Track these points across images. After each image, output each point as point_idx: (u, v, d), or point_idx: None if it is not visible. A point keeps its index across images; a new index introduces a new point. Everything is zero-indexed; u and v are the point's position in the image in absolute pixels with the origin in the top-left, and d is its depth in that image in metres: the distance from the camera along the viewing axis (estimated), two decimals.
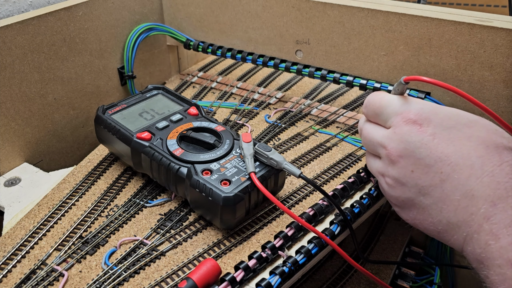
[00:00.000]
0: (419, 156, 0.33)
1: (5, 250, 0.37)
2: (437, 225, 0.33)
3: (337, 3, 0.49)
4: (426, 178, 0.33)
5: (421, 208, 0.34)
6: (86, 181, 0.45)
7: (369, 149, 0.39)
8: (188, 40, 0.61)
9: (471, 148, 0.31)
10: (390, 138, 0.35)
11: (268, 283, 0.33)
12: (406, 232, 0.61)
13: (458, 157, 0.31)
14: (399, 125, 0.34)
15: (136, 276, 0.35)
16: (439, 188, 0.32)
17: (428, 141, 0.32)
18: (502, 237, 0.28)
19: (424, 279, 0.56)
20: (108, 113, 0.45)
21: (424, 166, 0.33)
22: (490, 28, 0.42)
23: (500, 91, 0.44)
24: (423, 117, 0.33)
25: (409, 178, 0.34)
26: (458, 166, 0.31)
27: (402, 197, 0.35)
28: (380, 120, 0.37)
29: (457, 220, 0.31)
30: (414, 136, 0.33)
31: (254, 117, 0.56)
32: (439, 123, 0.33)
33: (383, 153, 0.36)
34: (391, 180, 0.35)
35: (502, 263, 0.28)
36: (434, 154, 0.32)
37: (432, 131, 0.33)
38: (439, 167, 0.32)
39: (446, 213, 0.32)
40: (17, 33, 0.46)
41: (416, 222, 0.35)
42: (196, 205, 0.39)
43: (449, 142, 0.32)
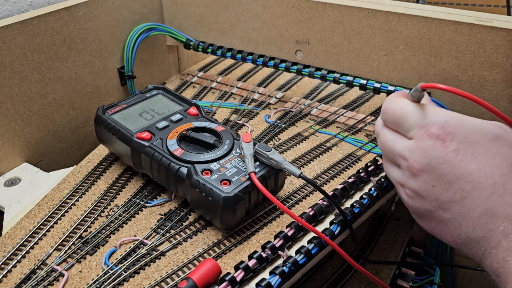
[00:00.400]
0: (441, 172, 0.32)
1: (5, 250, 0.37)
2: (455, 238, 0.33)
3: (337, 3, 0.49)
4: (447, 194, 0.32)
5: (440, 221, 0.34)
6: (86, 181, 0.45)
7: (388, 157, 0.38)
8: (188, 40, 0.61)
9: (495, 166, 0.31)
10: (412, 151, 0.34)
11: (268, 283, 0.33)
12: (406, 232, 0.61)
13: (480, 175, 0.31)
14: (422, 139, 0.33)
15: (136, 276, 0.35)
16: (459, 204, 0.32)
17: (451, 158, 0.32)
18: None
19: (424, 279, 0.56)
20: (108, 113, 0.45)
21: (445, 182, 0.32)
22: (490, 28, 0.42)
23: (500, 91, 0.44)
24: (447, 132, 0.33)
25: (429, 193, 0.33)
26: (480, 184, 0.31)
27: (421, 208, 0.35)
28: (401, 129, 0.36)
29: (476, 235, 0.32)
30: (438, 152, 0.32)
31: (254, 117, 0.56)
32: (464, 138, 0.32)
33: (404, 165, 0.35)
34: (411, 192, 0.35)
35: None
36: (456, 171, 0.32)
37: (456, 147, 0.32)
38: (461, 184, 0.32)
39: (465, 228, 0.32)
40: (17, 33, 0.46)
41: (435, 232, 0.35)
42: (196, 205, 0.39)
43: (472, 158, 0.32)
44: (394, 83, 0.48)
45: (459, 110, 0.47)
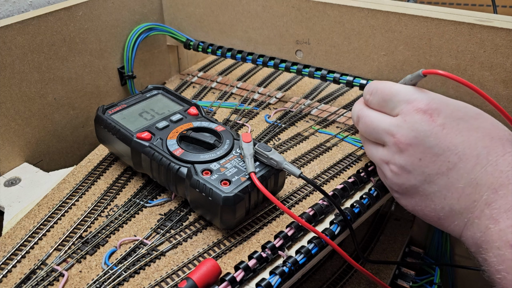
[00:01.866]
0: (428, 145, 0.34)
1: (5, 250, 0.37)
2: (438, 211, 0.35)
3: (337, 3, 0.49)
4: (434, 167, 0.34)
5: (424, 196, 0.35)
6: (86, 181, 0.45)
7: (372, 137, 0.39)
8: (188, 40, 0.61)
9: (478, 139, 0.33)
10: (399, 126, 0.35)
11: (268, 283, 0.33)
12: (406, 232, 0.61)
13: (465, 147, 0.33)
14: (410, 114, 0.35)
15: (136, 276, 0.35)
16: (445, 176, 0.34)
17: (438, 131, 0.34)
18: (501, 221, 0.30)
19: (424, 279, 0.56)
20: (108, 113, 0.45)
21: (432, 155, 0.34)
22: (490, 28, 0.42)
23: (500, 91, 0.44)
24: (433, 108, 0.34)
25: (416, 166, 0.35)
26: (465, 156, 0.33)
27: (406, 184, 0.36)
28: (387, 107, 0.37)
29: (460, 207, 0.33)
30: (425, 125, 0.34)
31: (254, 117, 0.56)
32: (449, 114, 0.34)
33: (391, 141, 0.36)
34: (397, 168, 0.36)
35: (501, 245, 0.30)
36: (443, 144, 0.33)
37: (442, 122, 0.34)
38: (447, 156, 0.33)
39: (449, 200, 0.34)
40: (17, 33, 0.46)
41: (417, 209, 0.37)
42: (196, 205, 0.39)
43: (457, 132, 0.33)
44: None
45: None
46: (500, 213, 0.30)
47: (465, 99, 0.46)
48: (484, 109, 0.36)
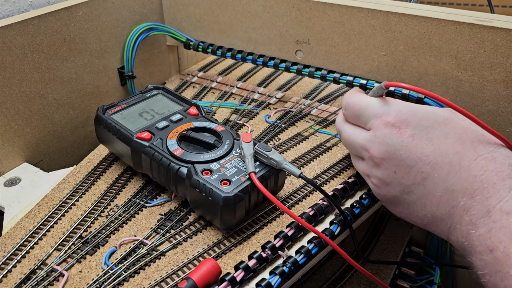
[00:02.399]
0: (400, 158, 0.34)
1: (5, 250, 0.37)
2: (422, 218, 0.35)
3: (337, 3, 0.49)
4: (409, 178, 0.34)
5: (407, 204, 0.36)
6: (86, 181, 0.45)
7: (352, 151, 0.40)
8: (188, 40, 0.61)
9: (449, 146, 0.33)
10: (371, 142, 0.36)
11: (268, 283, 0.33)
12: (406, 232, 0.61)
13: (437, 156, 0.33)
14: (379, 128, 0.36)
15: (136, 276, 0.35)
16: (421, 186, 0.34)
17: (408, 143, 0.34)
18: (480, 226, 0.30)
19: (424, 279, 0.56)
20: (108, 113, 0.45)
21: (405, 167, 0.34)
22: (490, 28, 0.42)
23: (500, 91, 0.44)
24: (401, 119, 0.35)
25: (392, 179, 0.35)
26: (437, 165, 0.33)
27: (388, 195, 0.37)
28: (360, 122, 0.38)
29: (440, 213, 0.34)
30: (394, 139, 0.35)
31: (254, 117, 0.56)
32: (417, 124, 0.35)
33: (366, 156, 0.37)
34: (376, 181, 0.37)
35: (482, 250, 0.30)
36: (414, 155, 0.34)
37: (411, 133, 0.34)
38: (420, 167, 0.34)
39: (429, 208, 0.34)
40: (17, 33, 0.46)
41: (404, 216, 0.37)
42: (196, 205, 0.39)
43: (427, 141, 0.34)
44: None
45: None
46: (478, 218, 0.30)
47: (465, 99, 0.46)
48: (486, 102, 0.36)
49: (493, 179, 0.31)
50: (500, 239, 0.29)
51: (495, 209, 0.30)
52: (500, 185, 0.30)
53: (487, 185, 0.31)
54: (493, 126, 0.46)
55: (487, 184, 0.31)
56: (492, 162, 0.32)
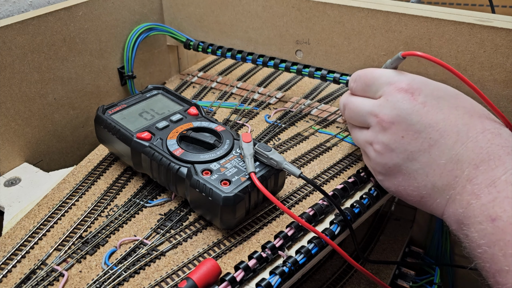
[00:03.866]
0: (410, 122, 0.35)
1: (5, 250, 0.37)
2: (421, 190, 0.35)
3: (337, 3, 0.49)
4: (416, 144, 0.35)
5: (407, 174, 0.36)
6: (86, 181, 0.45)
7: (357, 122, 0.40)
8: (188, 40, 0.61)
9: (458, 117, 0.34)
10: (382, 106, 0.37)
11: (268, 283, 0.33)
12: (406, 232, 0.61)
13: (446, 124, 0.34)
14: (392, 93, 0.36)
15: (136, 276, 0.35)
16: (427, 153, 0.34)
17: (419, 109, 0.35)
18: (483, 196, 0.31)
19: (424, 279, 0.56)
20: (108, 113, 0.45)
21: (414, 132, 0.35)
22: (490, 28, 0.42)
23: (500, 91, 0.44)
24: (414, 87, 0.36)
25: (399, 144, 0.36)
26: (445, 132, 0.34)
27: (390, 163, 0.37)
28: (370, 91, 0.39)
29: (442, 183, 0.34)
30: (406, 103, 0.35)
31: (254, 117, 0.56)
32: (430, 93, 0.35)
33: (374, 121, 0.37)
34: (380, 147, 0.37)
35: (483, 220, 0.30)
36: (424, 121, 0.34)
37: (423, 100, 0.35)
38: (428, 132, 0.34)
39: (431, 177, 0.34)
40: (17, 33, 0.46)
41: (400, 189, 0.37)
42: (196, 205, 0.39)
43: (438, 110, 0.35)
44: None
45: None
46: (481, 188, 0.31)
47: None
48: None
49: (499, 152, 0.31)
50: (504, 208, 0.29)
51: (500, 180, 0.30)
52: (506, 158, 0.31)
53: (493, 157, 0.31)
54: None
55: (493, 156, 0.31)
56: (498, 137, 0.32)
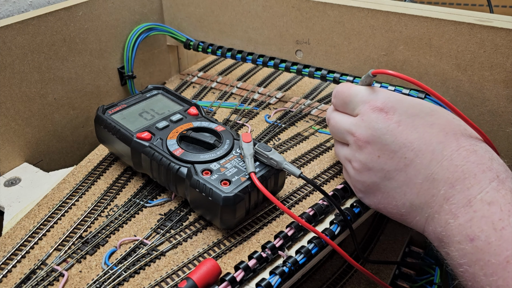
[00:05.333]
0: (385, 142, 0.35)
1: (5, 250, 0.37)
2: (400, 208, 0.36)
3: (337, 3, 0.49)
4: (392, 163, 0.35)
5: (386, 192, 0.36)
6: (86, 181, 0.45)
7: (337, 137, 0.41)
8: (188, 40, 0.61)
9: (433, 135, 0.34)
10: (358, 125, 0.37)
11: (268, 283, 0.33)
12: (406, 232, 0.61)
13: (421, 143, 0.34)
14: (367, 113, 0.36)
15: (136, 276, 0.35)
16: (403, 172, 0.34)
17: (394, 128, 0.35)
18: (460, 216, 0.31)
19: (424, 279, 0.56)
20: (108, 113, 0.45)
21: (389, 152, 0.35)
22: (490, 28, 0.42)
23: (500, 91, 0.44)
24: (389, 106, 0.36)
25: (375, 163, 0.36)
26: (420, 152, 0.34)
27: (368, 181, 0.37)
28: (348, 109, 0.39)
29: (420, 202, 0.34)
30: (381, 123, 0.35)
31: (254, 117, 0.56)
32: (404, 111, 0.35)
33: (351, 140, 0.38)
34: (358, 165, 0.37)
35: (461, 239, 0.30)
36: (399, 140, 0.34)
37: (398, 119, 0.35)
38: (403, 152, 0.34)
39: (409, 196, 0.34)
40: (17, 33, 0.46)
41: (380, 207, 0.37)
42: (196, 205, 0.39)
43: (412, 129, 0.34)
44: (394, 83, 0.48)
45: (459, 110, 0.47)
46: (458, 208, 0.31)
47: (465, 99, 0.46)
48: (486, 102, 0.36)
49: (474, 170, 0.31)
50: (481, 228, 0.29)
51: (476, 199, 0.30)
52: (481, 176, 0.31)
53: (468, 176, 0.31)
54: (493, 126, 0.46)
55: (468, 174, 0.31)
56: (473, 154, 0.32)
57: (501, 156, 0.47)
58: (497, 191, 0.30)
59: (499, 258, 0.28)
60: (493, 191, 0.30)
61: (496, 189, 0.30)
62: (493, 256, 0.28)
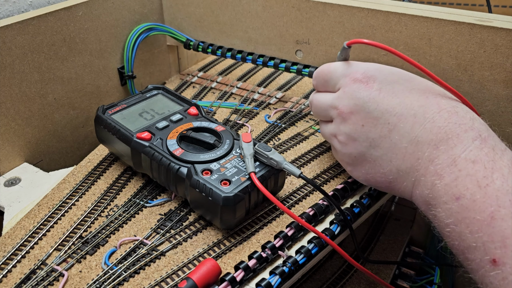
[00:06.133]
0: (368, 110, 0.36)
1: (5, 250, 0.37)
2: (388, 175, 0.36)
3: (337, 3, 0.49)
4: (376, 130, 0.36)
5: (373, 161, 0.37)
6: (86, 181, 0.45)
7: (321, 117, 0.42)
8: (188, 40, 0.61)
9: (413, 99, 0.35)
10: (340, 98, 0.38)
11: (268, 283, 0.33)
12: (406, 232, 0.61)
13: (402, 108, 0.35)
14: (348, 85, 0.37)
15: (136, 276, 0.35)
16: (387, 138, 0.35)
17: (375, 95, 0.36)
18: (446, 176, 0.31)
19: (424, 279, 0.56)
20: (108, 113, 0.45)
21: (373, 119, 0.36)
22: (490, 28, 0.42)
23: (500, 91, 0.44)
24: (368, 75, 0.37)
25: (360, 133, 0.36)
26: (403, 116, 0.34)
27: (355, 153, 0.38)
28: (330, 86, 0.40)
29: (406, 166, 0.34)
30: (362, 92, 0.36)
31: (254, 117, 0.56)
32: (384, 79, 0.36)
33: (335, 114, 0.39)
34: (344, 138, 0.38)
35: (448, 199, 0.31)
36: (381, 107, 0.35)
37: (378, 87, 0.36)
38: (386, 118, 0.35)
39: (395, 162, 0.35)
40: (17, 33, 0.46)
41: (369, 177, 0.38)
42: (196, 205, 0.39)
43: (393, 95, 0.35)
44: None
45: None
46: (443, 168, 0.31)
47: None
48: (486, 102, 0.36)
49: (456, 131, 0.32)
50: (466, 186, 0.30)
51: (460, 158, 0.31)
52: (464, 136, 0.32)
53: (451, 136, 0.32)
54: (493, 126, 0.46)
55: (451, 135, 0.32)
56: (455, 115, 0.33)
57: None
58: (480, 149, 0.31)
59: (484, 214, 0.29)
60: (476, 149, 0.31)
61: (479, 147, 0.31)
62: (478, 213, 0.29)
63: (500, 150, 0.31)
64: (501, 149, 0.31)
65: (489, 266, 0.28)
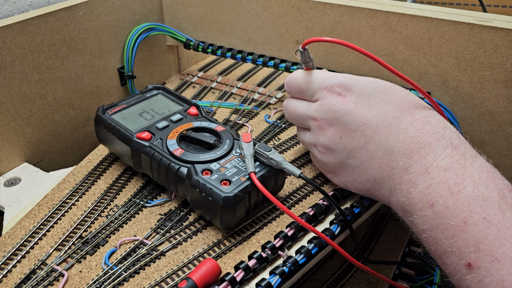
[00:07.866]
0: (345, 123, 0.37)
1: (5, 250, 0.37)
2: (365, 183, 0.38)
3: (337, 3, 0.49)
4: (353, 142, 0.37)
5: (351, 170, 0.38)
6: (86, 181, 0.45)
7: (298, 124, 0.43)
8: (188, 40, 0.61)
9: (388, 111, 0.36)
10: (319, 110, 0.39)
11: (268, 283, 0.33)
12: (406, 232, 0.61)
13: (377, 120, 0.36)
14: (326, 98, 0.39)
15: (136, 276, 0.35)
16: (364, 149, 0.36)
17: (352, 109, 0.37)
18: (419, 184, 0.32)
19: (424, 279, 0.56)
20: (108, 113, 0.45)
21: (350, 131, 0.37)
22: (490, 28, 0.42)
23: (500, 91, 0.44)
24: (345, 89, 0.38)
25: (338, 144, 0.38)
26: (378, 128, 0.36)
27: (334, 162, 0.39)
28: (306, 95, 0.41)
29: (382, 175, 0.36)
30: (340, 106, 0.37)
31: (254, 117, 0.56)
32: (360, 92, 0.37)
33: (314, 125, 0.40)
34: (322, 148, 0.39)
35: (422, 206, 0.32)
36: (357, 120, 0.37)
37: (355, 100, 0.37)
38: (363, 130, 0.36)
39: (372, 171, 0.36)
40: (17, 33, 0.46)
41: (348, 185, 0.40)
42: (196, 205, 0.39)
43: (369, 107, 0.37)
44: (394, 83, 0.48)
45: (459, 109, 0.47)
46: (417, 176, 0.33)
47: (465, 99, 0.46)
48: (486, 102, 0.36)
49: (428, 140, 0.33)
50: (439, 193, 0.31)
51: (433, 166, 0.32)
52: (435, 145, 0.33)
53: (423, 145, 0.33)
54: (493, 126, 0.46)
55: (423, 144, 0.33)
56: (427, 125, 0.34)
57: (501, 156, 0.47)
58: (451, 157, 0.32)
59: (457, 220, 0.29)
60: (448, 157, 0.32)
61: (450, 155, 0.32)
62: (451, 219, 0.30)
63: (471, 156, 0.32)
64: (472, 155, 0.32)
65: (465, 270, 0.29)
